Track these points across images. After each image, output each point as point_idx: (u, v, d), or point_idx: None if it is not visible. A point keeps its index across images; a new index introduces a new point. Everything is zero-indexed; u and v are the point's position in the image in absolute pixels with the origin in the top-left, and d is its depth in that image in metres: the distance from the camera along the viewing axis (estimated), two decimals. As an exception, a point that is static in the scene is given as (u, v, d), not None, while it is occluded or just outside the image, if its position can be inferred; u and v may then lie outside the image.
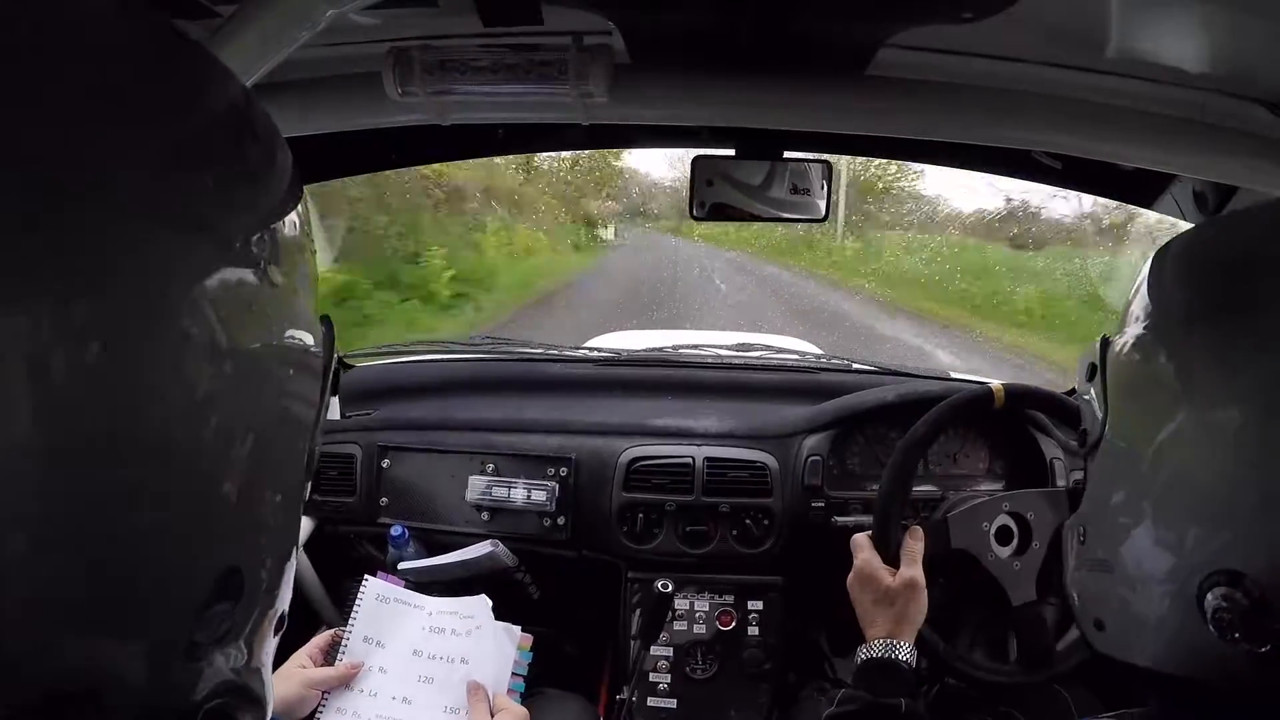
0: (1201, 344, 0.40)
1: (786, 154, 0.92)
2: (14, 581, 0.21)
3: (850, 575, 0.88)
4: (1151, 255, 0.45)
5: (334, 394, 0.35)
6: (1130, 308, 0.45)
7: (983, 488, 1.19)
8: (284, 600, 0.34)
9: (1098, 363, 0.47)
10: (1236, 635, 0.36)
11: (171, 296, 0.25)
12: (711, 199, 0.93)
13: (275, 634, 0.34)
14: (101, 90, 0.24)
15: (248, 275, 0.28)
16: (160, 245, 0.25)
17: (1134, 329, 0.44)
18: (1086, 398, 0.49)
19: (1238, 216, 0.47)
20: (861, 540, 0.90)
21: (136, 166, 0.25)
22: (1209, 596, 0.37)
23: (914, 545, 0.88)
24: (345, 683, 0.85)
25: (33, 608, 0.22)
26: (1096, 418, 0.47)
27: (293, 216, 0.32)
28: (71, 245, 0.22)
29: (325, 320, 0.35)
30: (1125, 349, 0.45)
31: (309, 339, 0.33)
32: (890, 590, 0.84)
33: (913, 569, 0.85)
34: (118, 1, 0.26)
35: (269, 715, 0.34)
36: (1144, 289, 0.44)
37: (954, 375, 1.45)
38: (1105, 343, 0.47)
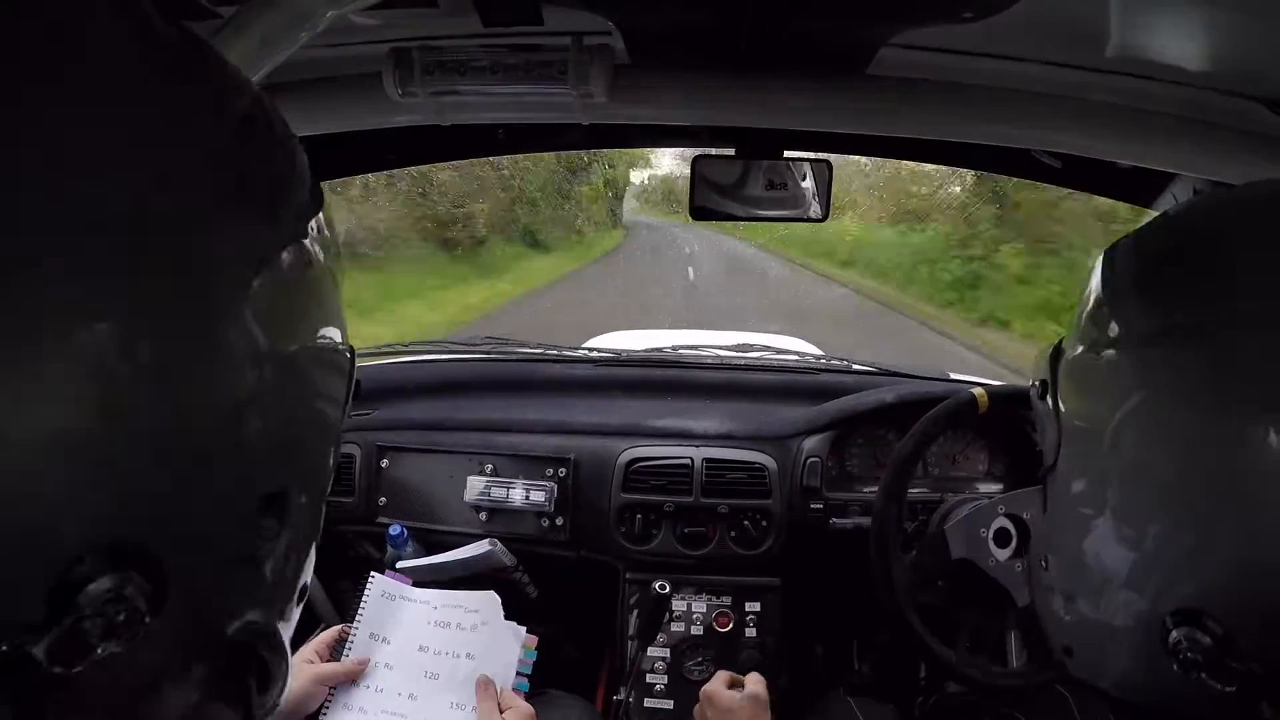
0: (1157, 350, 0.37)
1: (787, 153, 0.92)
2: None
3: (702, 692, 0.86)
4: (1100, 257, 0.42)
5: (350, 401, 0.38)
6: (1082, 314, 0.42)
7: (982, 489, 1.19)
8: (307, 571, 0.36)
9: (1048, 379, 0.44)
10: (1201, 675, 0.35)
11: (218, 299, 0.27)
12: (711, 198, 0.93)
13: (298, 603, 0.36)
14: (121, 99, 0.25)
15: (290, 276, 0.30)
16: (204, 251, 0.26)
17: (1086, 337, 0.41)
18: (1042, 416, 0.45)
19: (1183, 212, 0.44)
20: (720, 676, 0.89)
21: (178, 177, 0.26)
22: (1173, 634, 0.36)
23: (757, 676, 0.88)
24: (352, 678, 0.85)
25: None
26: (1051, 440, 0.44)
27: (320, 218, 0.33)
28: (127, 257, 0.24)
29: (349, 349, 0.38)
30: (1078, 359, 0.42)
31: (338, 336, 0.35)
32: (740, 709, 0.83)
33: (758, 686, 0.85)
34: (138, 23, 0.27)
35: (287, 675, 0.35)
36: (1094, 293, 0.41)
37: (953, 376, 1.45)
38: (1057, 354, 0.44)
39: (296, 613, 0.36)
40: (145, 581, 0.25)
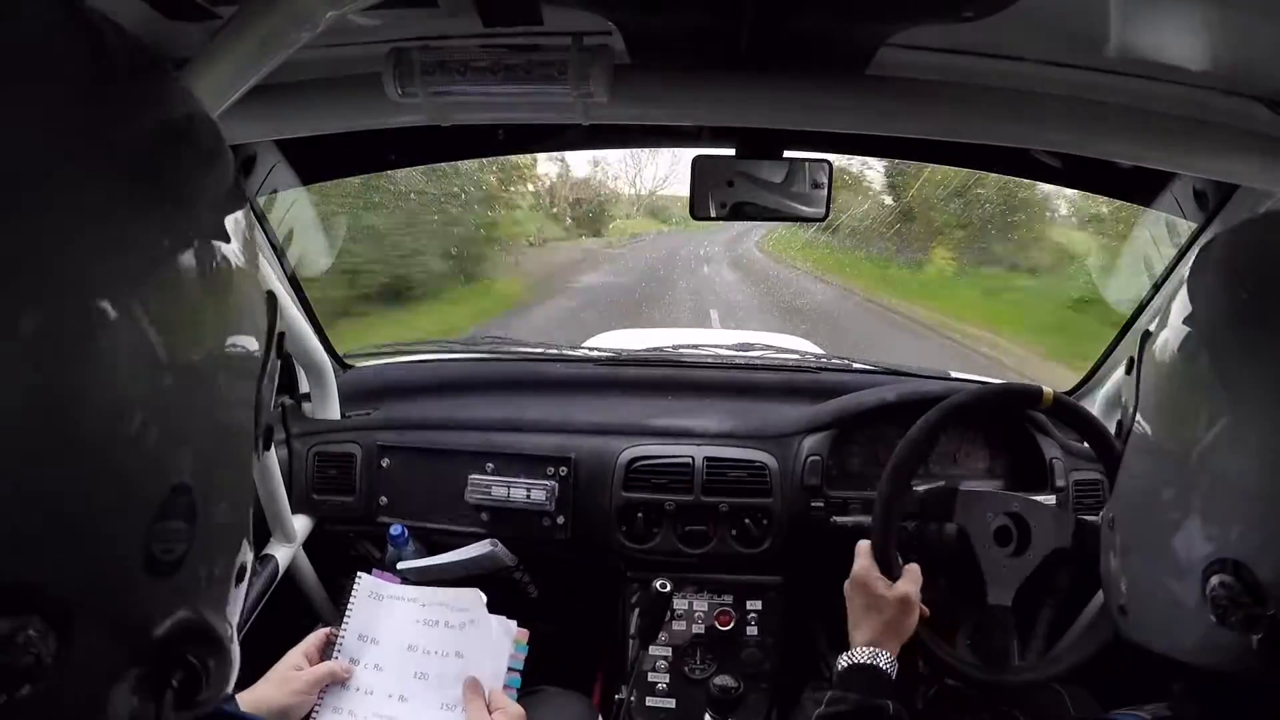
0: (1243, 343, 0.40)
1: (786, 153, 0.92)
2: None
3: (848, 579, 0.88)
4: (1195, 253, 0.45)
5: (279, 358, 0.37)
6: (1173, 304, 0.45)
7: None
8: (245, 551, 0.35)
9: (1136, 356, 0.49)
10: (1233, 620, 0.37)
11: (109, 299, 0.25)
12: (711, 199, 0.93)
13: (237, 584, 0.35)
14: (36, 99, 0.25)
15: (182, 279, 0.29)
16: (88, 250, 0.25)
17: (1175, 326, 0.45)
18: (1127, 389, 0.50)
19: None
20: (863, 547, 0.91)
21: (68, 172, 0.25)
22: (1210, 581, 0.39)
23: (915, 570, 0.89)
24: (338, 679, 0.84)
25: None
26: (1128, 409, 0.48)
27: (228, 225, 0.32)
28: (11, 250, 0.23)
29: (269, 294, 0.36)
30: (1165, 345, 0.45)
31: (251, 343, 0.34)
32: (882, 599, 0.85)
33: (909, 586, 0.86)
34: (71, 24, 0.27)
35: (233, 666, 0.34)
36: (1187, 286, 0.44)
37: (954, 375, 1.45)
38: (1145, 336, 0.48)
39: (238, 593, 0.35)
40: (45, 624, 0.24)
